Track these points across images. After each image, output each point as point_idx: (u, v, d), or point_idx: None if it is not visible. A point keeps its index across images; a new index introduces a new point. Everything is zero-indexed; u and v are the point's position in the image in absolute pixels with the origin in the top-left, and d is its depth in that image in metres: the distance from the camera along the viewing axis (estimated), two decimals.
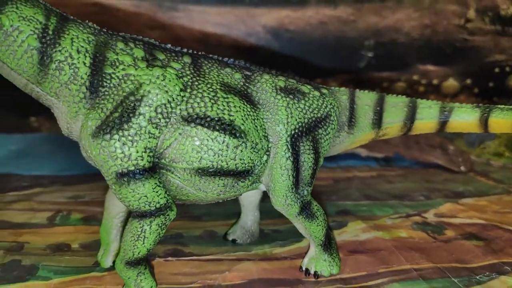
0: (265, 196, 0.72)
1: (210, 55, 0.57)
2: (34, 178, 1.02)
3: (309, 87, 0.60)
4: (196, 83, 0.52)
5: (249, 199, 0.70)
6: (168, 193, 0.51)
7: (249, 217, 0.71)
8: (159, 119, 0.49)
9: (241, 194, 0.59)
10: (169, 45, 0.55)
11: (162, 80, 0.49)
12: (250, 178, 0.55)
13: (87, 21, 0.51)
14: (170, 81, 0.50)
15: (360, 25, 1.53)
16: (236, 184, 0.54)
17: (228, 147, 0.51)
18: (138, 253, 0.51)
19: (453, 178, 1.07)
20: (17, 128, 1.48)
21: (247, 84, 0.56)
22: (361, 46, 1.54)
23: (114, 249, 0.62)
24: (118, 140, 0.47)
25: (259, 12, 1.51)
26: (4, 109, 1.47)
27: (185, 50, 0.55)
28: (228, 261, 0.65)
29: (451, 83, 1.57)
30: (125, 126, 0.47)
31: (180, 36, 1.55)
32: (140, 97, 0.48)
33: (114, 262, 0.62)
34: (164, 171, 0.51)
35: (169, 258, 0.65)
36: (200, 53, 0.56)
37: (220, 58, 0.57)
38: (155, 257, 0.65)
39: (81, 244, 0.69)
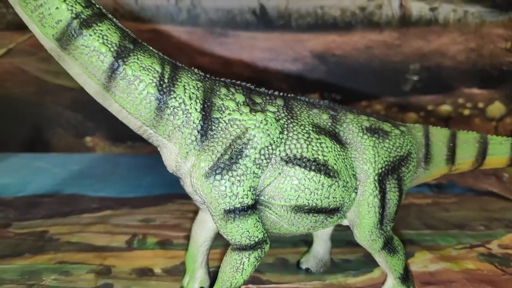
0: None
1: (298, 97, 0.61)
2: (102, 200, 1.07)
3: (389, 125, 0.63)
4: (291, 125, 0.56)
5: (324, 230, 0.73)
6: (264, 227, 0.55)
7: (322, 246, 0.74)
8: (262, 160, 0.52)
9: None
10: (263, 89, 0.59)
11: (265, 125, 0.53)
12: (339, 214, 0.58)
13: (193, 68, 0.56)
14: (271, 125, 0.53)
15: (405, 49, 1.56)
16: (325, 220, 0.57)
17: (323, 186, 0.54)
18: (236, 284, 0.55)
19: (510, 207, 1.07)
20: (73, 147, 1.55)
21: (334, 124, 0.59)
22: (406, 69, 1.56)
23: (200, 276, 0.66)
24: (228, 180, 0.51)
25: (306, 37, 1.55)
26: (61, 128, 1.55)
27: (276, 93, 0.59)
28: None
29: (497, 106, 1.57)
30: (234, 167, 0.51)
31: (229, 61, 1.60)
32: (246, 141, 0.52)
33: None
34: (262, 207, 0.54)
35: (250, 286, 0.68)
36: (289, 95, 0.60)
37: (307, 99, 0.61)
38: None
39: (163, 269, 0.73)
